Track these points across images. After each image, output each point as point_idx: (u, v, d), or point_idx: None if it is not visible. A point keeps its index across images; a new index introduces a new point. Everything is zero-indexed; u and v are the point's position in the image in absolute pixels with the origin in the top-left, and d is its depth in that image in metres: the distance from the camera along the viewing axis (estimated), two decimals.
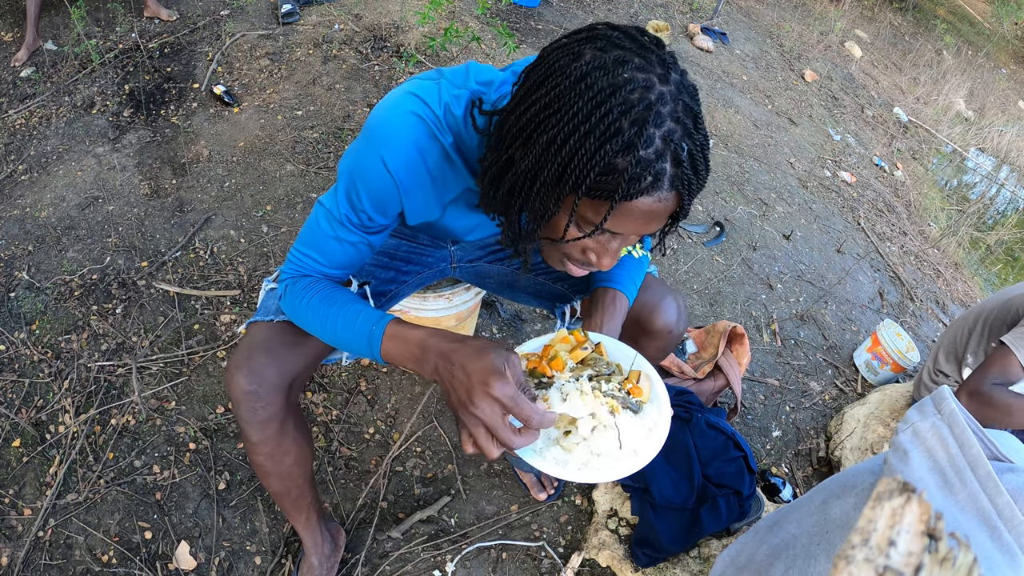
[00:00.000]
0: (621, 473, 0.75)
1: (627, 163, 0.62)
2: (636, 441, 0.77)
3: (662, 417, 0.80)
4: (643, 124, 0.61)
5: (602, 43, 0.64)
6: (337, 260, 0.89)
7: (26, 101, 2.45)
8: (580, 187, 0.63)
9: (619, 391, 0.80)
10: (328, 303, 0.86)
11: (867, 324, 2.55)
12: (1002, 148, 4.94)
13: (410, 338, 0.78)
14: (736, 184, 3.03)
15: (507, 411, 0.67)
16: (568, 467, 0.74)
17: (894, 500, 0.34)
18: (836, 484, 1.03)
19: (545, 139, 0.64)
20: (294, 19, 2.98)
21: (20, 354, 1.66)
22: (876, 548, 0.31)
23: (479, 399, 0.67)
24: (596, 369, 0.82)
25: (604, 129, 0.61)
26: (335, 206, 0.86)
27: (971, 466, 0.81)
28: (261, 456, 1.00)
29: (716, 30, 4.41)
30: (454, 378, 0.70)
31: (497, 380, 0.66)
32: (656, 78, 0.62)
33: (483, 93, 0.82)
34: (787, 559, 1.00)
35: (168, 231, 2.04)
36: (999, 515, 0.77)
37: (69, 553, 1.35)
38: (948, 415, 0.86)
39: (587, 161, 0.62)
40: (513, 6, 3.72)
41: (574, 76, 0.63)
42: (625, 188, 0.62)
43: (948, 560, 0.31)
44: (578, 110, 0.62)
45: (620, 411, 0.78)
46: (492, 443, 0.68)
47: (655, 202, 0.65)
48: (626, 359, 0.86)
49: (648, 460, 0.76)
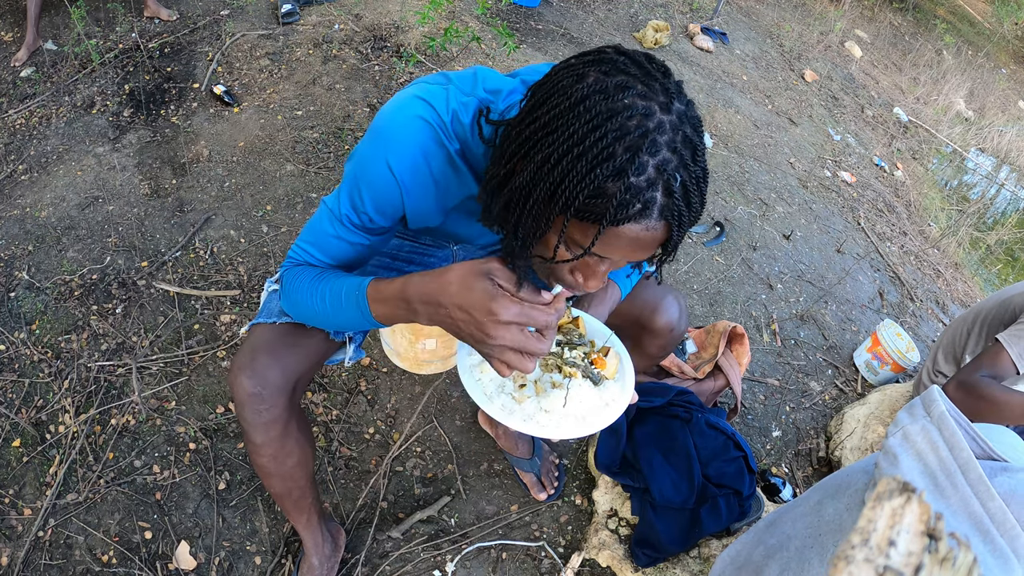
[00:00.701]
0: (564, 434, 0.76)
1: (617, 188, 0.61)
2: (587, 409, 0.80)
3: (623, 396, 0.82)
4: (637, 151, 0.61)
5: (607, 67, 0.64)
6: (337, 258, 0.89)
7: (26, 101, 2.45)
8: (569, 208, 0.63)
9: (582, 360, 0.83)
10: (318, 281, 0.85)
11: (867, 324, 2.55)
12: (1002, 148, 4.94)
13: (389, 295, 0.76)
14: (736, 184, 3.03)
15: (523, 326, 0.67)
16: (513, 416, 0.77)
17: (894, 500, 0.34)
18: (831, 484, 1.03)
19: (540, 157, 0.64)
20: (294, 19, 2.98)
21: (20, 354, 1.66)
22: (876, 548, 0.31)
23: (492, 330, 0.66)
24: (568, 337, 0.85)
25: (597, 152, 0.61)
26: (337, 205, 0.86)
27: (962, 469, 0.80)
28: (264, 458, 1.00)
29: (716, 30, 4.41)
30: (455, 320, 0.69)
31: (499, 305, 0.66)
32: (657, 106, 0.62)
33: (491, 102, 0.82)
34: (781, 560, 1.00)
35: (168, 231, 2.04)
36: (991, 519, 0.77)
37: (69, 553, 1.35)
38: (938, 417, 0.86)
39: (578, 183, 0.62)
40: (513, 6, 3.72)
41: (575, 98, 0.63)
42: (613, 213, 0.62)
43: (948, 560, 0.31)
44: (574, 132, 0.62)
45: (578, 376, 0.81)
46: (524, 359, 0.68)
47: (643, 230, 0.64)
48: (601, 338, 0.89)
49: (595, 429, 0.78)
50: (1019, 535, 0.76)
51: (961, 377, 1.54)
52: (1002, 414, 1.49)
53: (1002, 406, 1.49)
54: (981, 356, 1.55)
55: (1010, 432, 0.95)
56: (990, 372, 1.53)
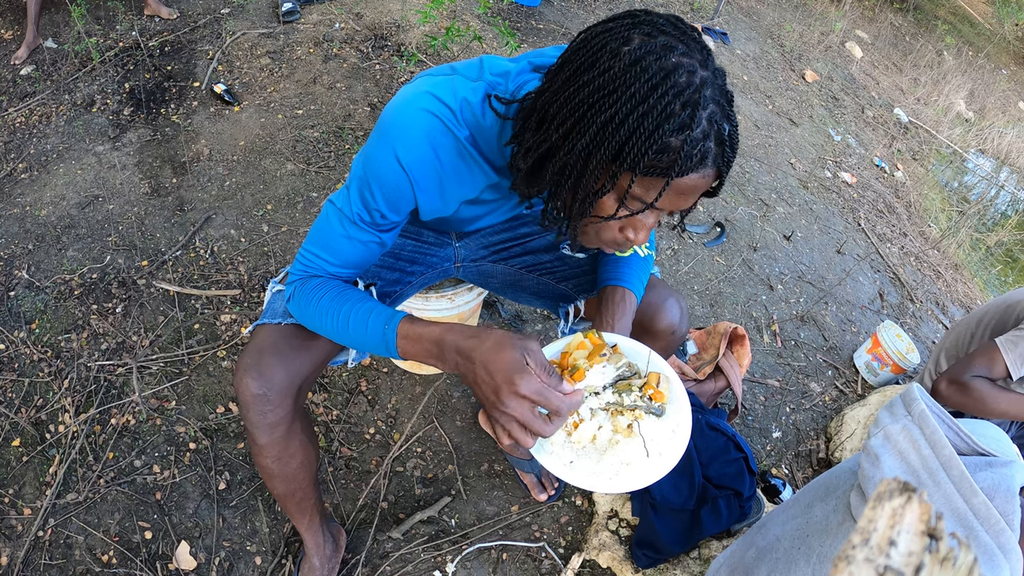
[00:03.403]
0: (652, 478, 0.76)
1: (680, 142, 0.66)
2: (661, 444, 0.79)
3: (683, 416, 0.81)
4: (695, 107, 0.65)
5: (648, 28, 0.68)
6: (348, 259, 0.89)
7: (26, 99, 2.45)
8: (638, 165, 0.66)
9: (641, 399, 0.81)
10: (339, 302, 0.86)
11: (867, 325, 2.55)
12: (1002, 149, 4.94)
13: (425, 336, 0.78)
14: (737, 184, 3.03)
15: (535, 404, 0.69)
16: (599, 478, 0.76)
17: (894, 500, 0.34)
18: (821, 485, 1.03)
19: (602, 119, 0.67)
20: (295, 18, 2.98)
21: (20, 353, 1.66)
22: (876, 548, 0.31)
23: (507, 398, 0.68)
24: (619, 371, 0.82)
25: (660, 110, 0.65)
26: (347, 205, 0.86)
27: (944, 467, 0.81)
28: (268, 459, 1.00)
29: (717, 30, 4.41)
30: (477, 377, 0.71)
31: (521, 377, 0.67)
32: (698, 63, 0.67)
33: (499, 84, 0.83)
34: (770, 562, 1.00)
35: (168, 230, 2.04)
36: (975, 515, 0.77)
37: (69, 553, 1.35)
38: (918, 416, 0.86)
39: (645, 139, 0.65)
40: (514, 5, 3.72)
41: (628, 59, 0.66)
42: (680, 166, 0.66)
43: (948, 560, 0.31)
44: (635, 91, 0.65)
45: (644, 417, 0.79)
46: (526, 435, 0.70)
47: (700, 178, 0.69)
48: (641, 359, 0.86)
49: (676, 461, 0.77)
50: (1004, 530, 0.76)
51: (954, 374, 1.60)
52: (987, 410, 1.57)
53: (989, 404, 1.56)
54: (976, 354, 1.59)
55: (992, 426, 0.96)
56: (983, 372, 1.58)
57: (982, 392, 1.55)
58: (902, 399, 0.90)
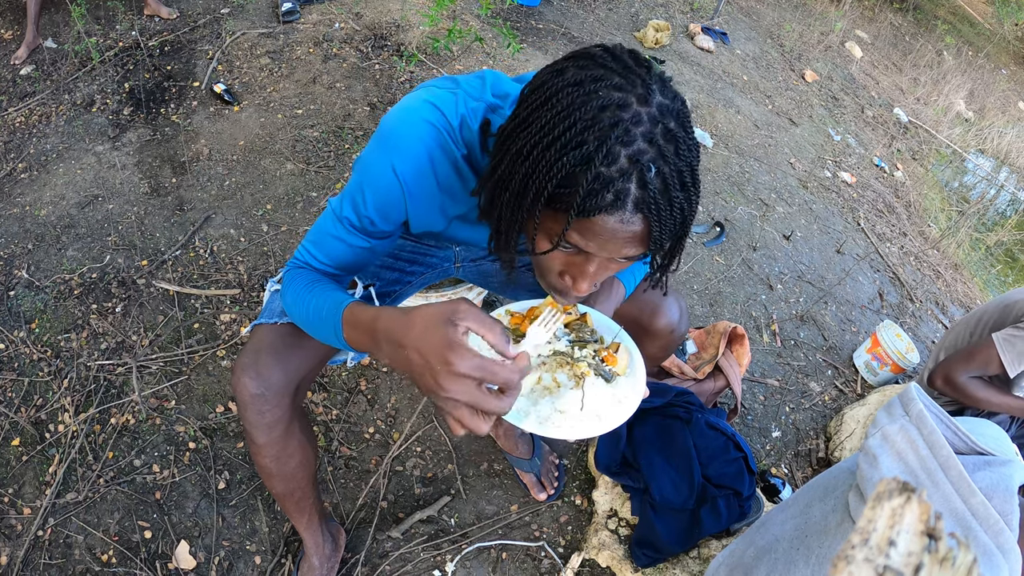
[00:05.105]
0: (580, 434, 0.75)
1: (585, 176, 0.60)
2: (602, 407, 0.79)
3: (635, 392, 0.81)
4: (606, 140, 0.59)
5: (585, 62, 0.65)
6: (335, 259, 0.89)
7: (26, 99, 2.44)
8: (540, 197, 0.63)
9: (593, 358, 0.82)
10: (307, 290, 0.83)
11: (867, 325, 2.55)
12: (1002, 149, 4.94)
13: (361, 323, 0.72)
14: (736, 184, 3.03)
15: (480, 382, 0.60)
16: (528, 419, 0.75)
17: (894, 500, 0.34)
18: (819, 485, 1.03)
19: (515, 150, 0.65)
20: (294, 17, 2.98)
21: (19, 353, 1.66)
22: (876, 548, 0.31)
23: (446, 381, 0.59)
24: (578, 334, 0.84)
25: (566, 141, 0.61)
26: (340, 207, 0.86)
27: (942, 467, 0.81)
28: (267, 459, 1.00)
29: (717, 30, 4.41)
30: (412, 364, 0.63)
31: (456, 355, 0.59)
32: (634, 98, 0.61)
33: (499, 106, 0.82)
34: (769, 562, 1.00)
35: (168, 230, 2.04)
36: (974, 515, 0.77)
37: (69, 552, 1.35)
38: (916, 416, 0.86)
39: (546, 171, 0.62)
40: (514, 5, 3.72)
41: (549, 92, 0.64)
42: (581, 202, 0.61)
43: (948, 560, 0.31)
44: (545, 122, 0.62)
45: (591, 374, 0.80)
46: (479, 418, 0.61)
47: (618, 223, 0.62)
48: (609, 333, 0.88)
49: (611, 427, 0.76)
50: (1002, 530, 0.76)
51: (949, 372, 1.63)
52: (980, 407, 1.64)
53: (982, 403, 1.62)
54: (972, 350, 1.63)
55: (992, 424, 0.96)
56: (978, 369, 1.62)
57: (976, 393, 1.61)
58: (900, 399, 0.90)
